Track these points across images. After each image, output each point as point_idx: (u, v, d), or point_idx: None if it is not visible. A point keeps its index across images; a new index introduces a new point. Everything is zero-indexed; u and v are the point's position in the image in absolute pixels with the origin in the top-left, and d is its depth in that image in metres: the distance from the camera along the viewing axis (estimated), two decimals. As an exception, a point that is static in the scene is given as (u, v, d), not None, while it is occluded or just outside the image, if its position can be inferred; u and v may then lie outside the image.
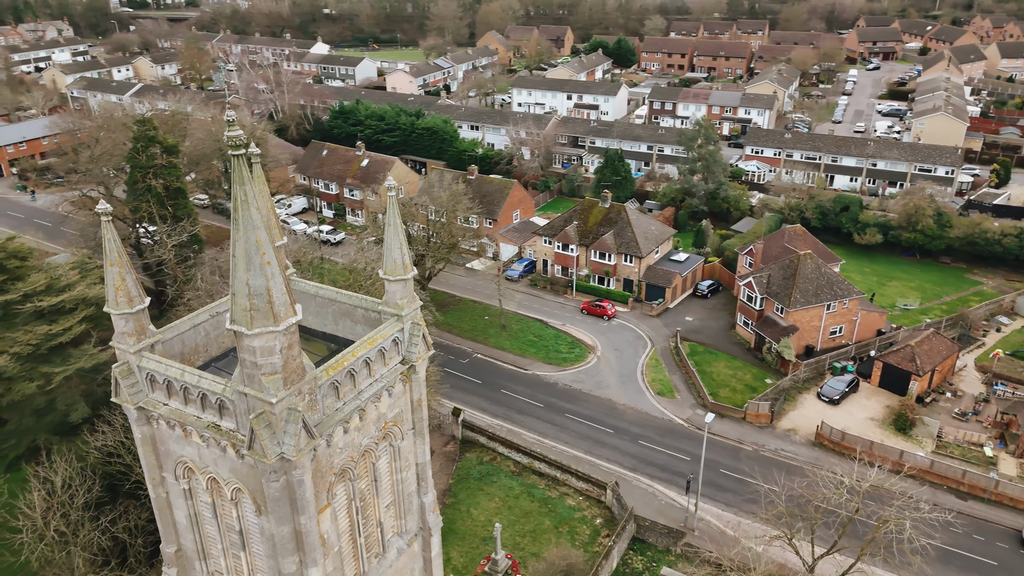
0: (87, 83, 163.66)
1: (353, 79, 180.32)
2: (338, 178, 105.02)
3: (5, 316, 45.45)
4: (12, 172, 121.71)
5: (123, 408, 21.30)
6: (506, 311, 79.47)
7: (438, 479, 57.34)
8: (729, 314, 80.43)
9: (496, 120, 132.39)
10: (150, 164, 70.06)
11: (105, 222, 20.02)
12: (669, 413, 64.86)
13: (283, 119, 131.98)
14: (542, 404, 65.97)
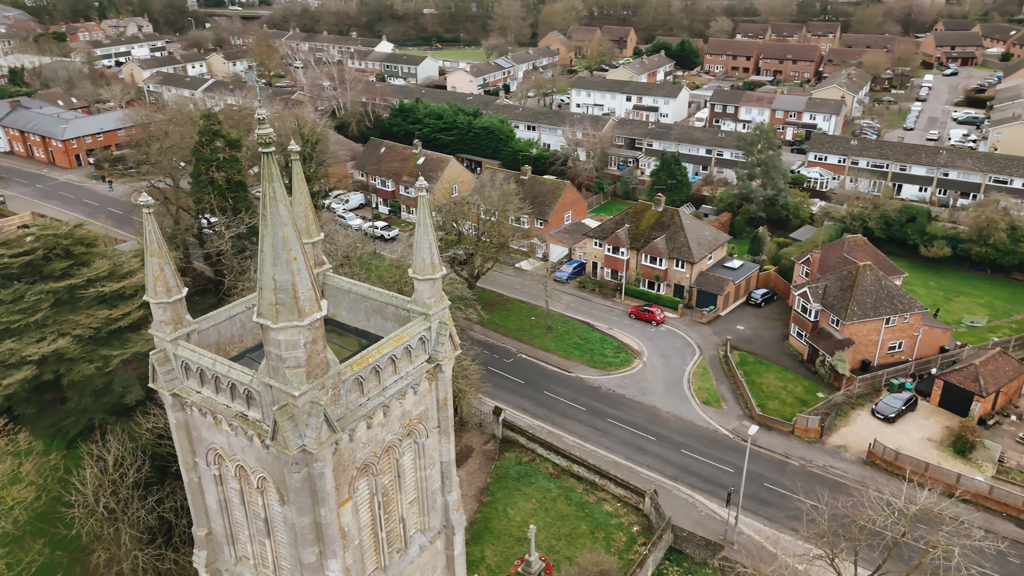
0: (163, 78, 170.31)
1: (415, 78, 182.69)
2: (394, 175, 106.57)
3: (70, 300, 47.72)
4: (89, 162, 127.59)
5: (160, 394, 22.11)
6: (553, 312, 79.30)
7: (476, 477, 57.71)
8: (782, 324, 78.41)
9: (553, 121, 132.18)
10: (213, 157, 72.48)
11: (146, 214, 20.82)
12: (714, 423, 63.61)
13: (345, 116, 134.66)
14: (584, 408, 65.58)
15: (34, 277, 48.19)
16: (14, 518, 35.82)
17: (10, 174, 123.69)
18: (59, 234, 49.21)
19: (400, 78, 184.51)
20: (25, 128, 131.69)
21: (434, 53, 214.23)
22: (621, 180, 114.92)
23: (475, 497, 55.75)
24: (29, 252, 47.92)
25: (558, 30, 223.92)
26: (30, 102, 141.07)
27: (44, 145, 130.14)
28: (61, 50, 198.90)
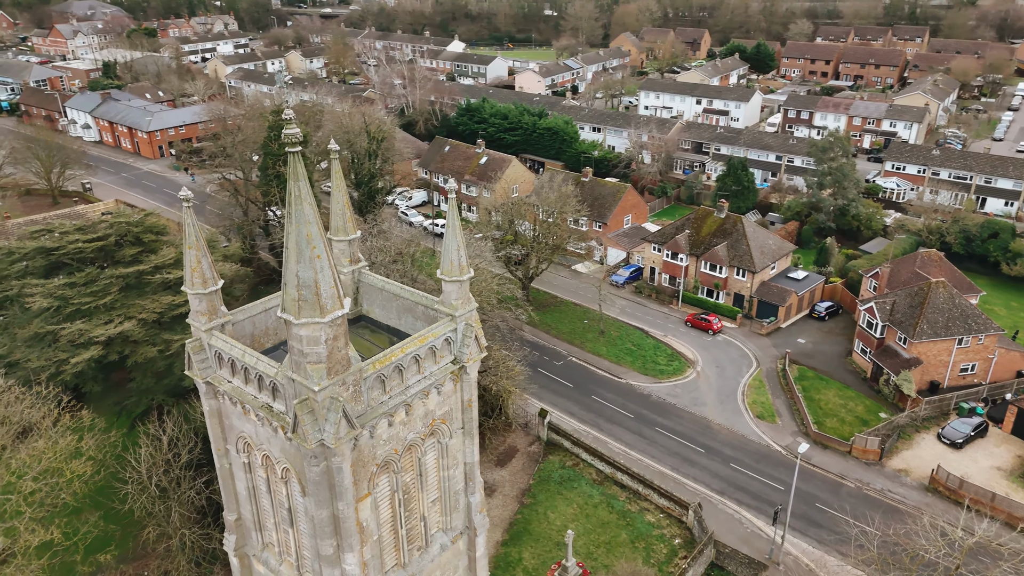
0: (243, 74, 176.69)
1: (484, 77, 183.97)
2: (457, 174, 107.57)
3: (137, 285, 50.06)
4: (171, 153, 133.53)
5: (195, 381, 22.94)
6: (606, 316, 78.56)
7: (519, 478, 57.69)
8: (846, 340, 75.50)
9: (619, 122, 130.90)
10: (280, 152, 74.70)
11: (186, 208, 21.63)
12: (767, 438, 61.78)
13: (413, 114, 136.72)
14: (632, 415, 64.70)
15: (106, 262, 50.76)
16: (73, 491, 37.81)
17: (98, 163, 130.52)
18: (131, 222, 51.69)
19: (469, 77, 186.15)
20: (114, 119, 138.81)
21: (504, 53, 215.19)
22: (685, 184, 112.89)
23: (516, 498, 55.74)
24: (103, 238, 50.52)
25: (630, 31, 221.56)
26: (120, 95, 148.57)
27: (130, 136, 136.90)
28: (151, 45, 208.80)
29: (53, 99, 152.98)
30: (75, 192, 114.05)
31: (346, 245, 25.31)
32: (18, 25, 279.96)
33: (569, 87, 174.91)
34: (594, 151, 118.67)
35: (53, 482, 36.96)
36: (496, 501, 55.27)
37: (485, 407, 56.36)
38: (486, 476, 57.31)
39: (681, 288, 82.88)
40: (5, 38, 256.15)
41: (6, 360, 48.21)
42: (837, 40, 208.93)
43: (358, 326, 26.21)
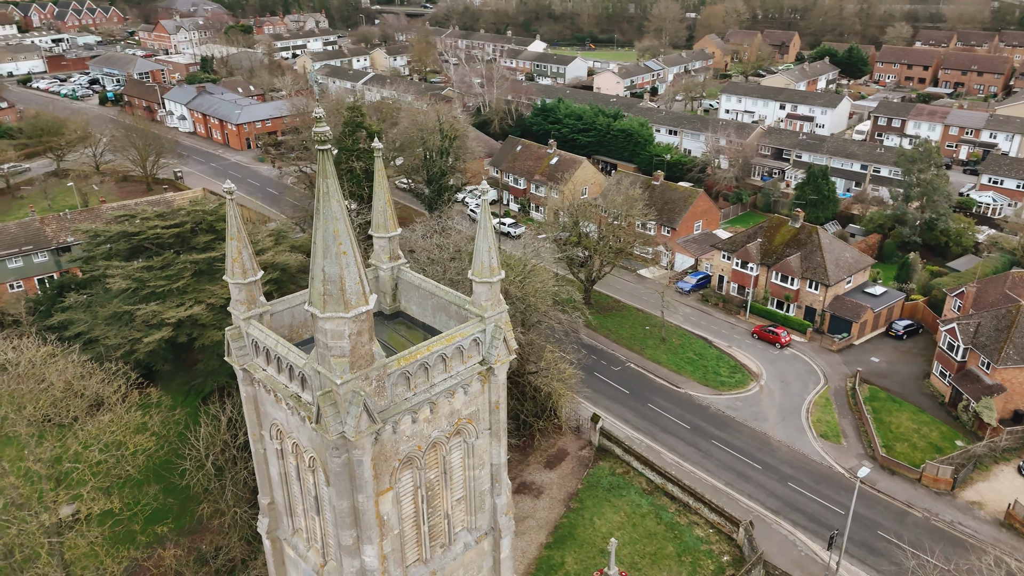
0: (329, 70, 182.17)
1: (563, 77, 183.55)
2: (527, 174, 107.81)
3: (208, 271, 52.39)
4: (257, 145, 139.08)
5: (234, 368, 23.81)
6: (669, 324, 77.12)
7: (567, 481, 57.36)
8: (925, 361, 71.64)
9: (696, 126, 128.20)
10: (354, 147, 76.78)
11: (229, 201, 22.46)
12: (830, 459, 59.32)
13: (489, 113, 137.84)
14: (689, 426, 63.31)
15: (182, 248, 53.35)
16: (136, 464, 39.91)
17: (190, 152, 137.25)
18: (206, 210, 54.15)
19: (548, 78, 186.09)
20: (207, 112, 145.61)
21: (584, 53, 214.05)
22: (762, 191, 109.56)
23: (563, 501, 55.45)
24: (180, 225, 53.12)
25: (716, 33, 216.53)
26: (214, 88, 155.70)
27: (221, 128, 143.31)
28: (246, 42, 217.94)
29: (153, 91, 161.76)
30: (167, 180, 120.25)
31: (386, 242, 25.75)
32: (127, 20, 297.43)
33: (648, 89, 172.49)
34: (667, 154, 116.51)
35: (118, 454, 39.10)
36: (542, 503, 55.17)
37: (536, 408, 56.29)
38: (534, 477, 57.29)
39: (750, 298, 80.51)
40: (115, 32, 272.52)
41: (87, 336, 51.33)
42: (938, 45, 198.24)
43: (396, 322, 26.63)
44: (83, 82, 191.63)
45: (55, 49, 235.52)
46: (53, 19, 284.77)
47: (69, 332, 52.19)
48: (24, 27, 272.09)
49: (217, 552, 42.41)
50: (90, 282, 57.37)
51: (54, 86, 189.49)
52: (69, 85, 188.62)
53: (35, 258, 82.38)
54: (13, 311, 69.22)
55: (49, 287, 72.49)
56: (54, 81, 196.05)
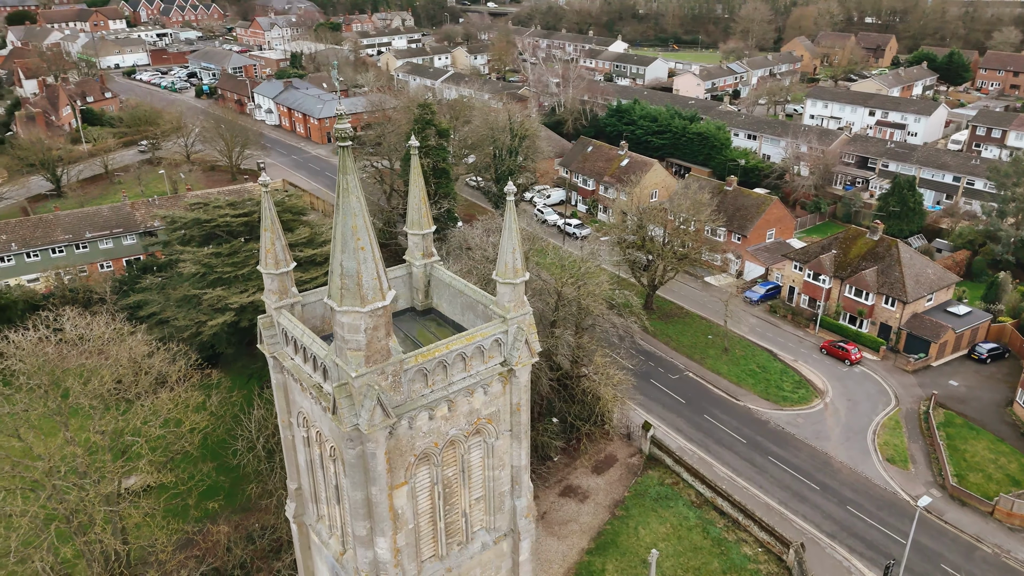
0: (411, 68, 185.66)
1: (642, 79, 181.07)
2: (597, 175, 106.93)
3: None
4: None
5: (265, 354, 24.56)
6: (733, 334, 74.99)
7: (614, 488, 56.60)
8: (1009, 388, 67.15)
9: (777, 131, 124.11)
10: (423, 144, 77.91)
11: (264, 194, 23.15)
12: (895, 484, 56.37)
13: (563, 113, 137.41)
14: (745, 440, 61.38)
15: (249, 236, 55.45)
16: (193, 441, 41.78)
17: (275, 145, 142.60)
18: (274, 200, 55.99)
19: (627, 78, 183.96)
20: (292, 106, 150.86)
21: (665, 54, 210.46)
22: (843, 201, 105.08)
23: (608, 508, 54.74)
24: (248, 214, 55.22)
25: (806, 35, 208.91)
26: (300, 83, 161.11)
27: (304, 122, 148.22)
28: (334, 39, 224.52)
29: (244, 85, 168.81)
30: (251, 170, 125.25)
31: (420, 239, 26.01)
32: (227, 17, 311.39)
33: (730, 92, 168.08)
34: (741, 160, 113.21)
35: (176, 431, 41.02)
36: (587, 508, 54.64)
37: (584, 412, 55.78)
38: (581, 481, 56.79)
39: (820, 312, 77.39)
40: (215, 28, 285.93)
41: (158, 317, 54.07)
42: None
43: (427, 318, 26.89)
44: (182, 75, 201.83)
45: (159, 43, 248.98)
46: (159, 15, 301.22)
47: (143, 312, 55.06)
48: (132, 22, 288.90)
49: (264, 531, 43.91)
50: (167, 265, 60.36)
51: (155, 78, 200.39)
52: (169, 78, 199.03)
53: (124, 240, 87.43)
54: (100, 290, 73.65)
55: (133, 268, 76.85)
56: (156, 73, 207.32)
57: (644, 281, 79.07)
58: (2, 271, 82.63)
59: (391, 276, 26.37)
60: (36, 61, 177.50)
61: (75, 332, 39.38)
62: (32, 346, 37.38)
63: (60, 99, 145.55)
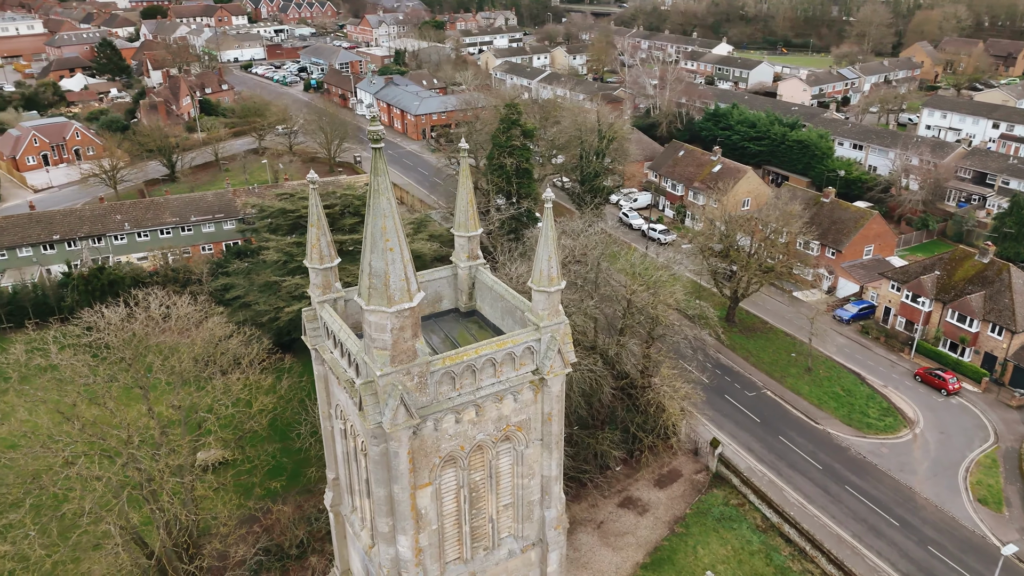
0: (509, 67, 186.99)
1: (745, 82, 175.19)
2: (686, 180, 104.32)
3: (350, 252, 55.84)
4: (432, 136, 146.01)
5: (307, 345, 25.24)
6: (818, 353, 71.44)
7: (676, 503, 55.07)
8: None
9: (886, 141, 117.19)
10: (507, 144, 78.29)
11: (312, 190, 23.74)
12: (985, 527, 52.21)
13: (658, 116, 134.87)
14: (821, 466, 58.34)
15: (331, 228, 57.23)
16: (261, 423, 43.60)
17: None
18: (355, 195, 57.74)
19: (730, 82, 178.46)
20: (391, 102, 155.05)
21: (771, 57, 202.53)
22: (954, 219, 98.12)
23: (668, 524, 53.34)
24: (330, 207, 57.09)
25: (928, 40, 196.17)
26: (400, 80, 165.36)
27: (401, 118, 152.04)
28: (437, 37, 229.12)
29: (348, 80, 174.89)
30: (347, 163, 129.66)
31: (466, 241, 26.05)
32: (340, 14, 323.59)
33: (839, 98, 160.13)
34: (843, 170, 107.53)
35: (246, 411, 42.94)
36: (646, 521, 53.43)
37: (648, 423, 54.50)
38: (642, 494, 55.59)
39: (918, 336, 72.57)
40: (327, 25, 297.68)
41: (242, 300, 56.76)
42: None
43: (470, 320, 26.92)
44: (293, 70, 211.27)
45: (275, 39, 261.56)
46: (278, 11, 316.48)
47: (229, 295, 57.95)
48: (253, 18, 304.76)
49: (321, 514, 45.30)
50: (255, 251, 63.27)
51: (269, 72, 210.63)
52: (281, 72, 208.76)
53: (224, 225, 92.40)
54: (197, 271, 78.17)
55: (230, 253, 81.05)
56: (270, 68, 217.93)
57: (727, 292, 76.52)
58: (116, 248, 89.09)
59: (436, 276, 26.59)
60: (162, 53, 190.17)
61: (160, 311, 41.87)
62: (120, 322, 40.01)
63: (181, 90, 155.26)
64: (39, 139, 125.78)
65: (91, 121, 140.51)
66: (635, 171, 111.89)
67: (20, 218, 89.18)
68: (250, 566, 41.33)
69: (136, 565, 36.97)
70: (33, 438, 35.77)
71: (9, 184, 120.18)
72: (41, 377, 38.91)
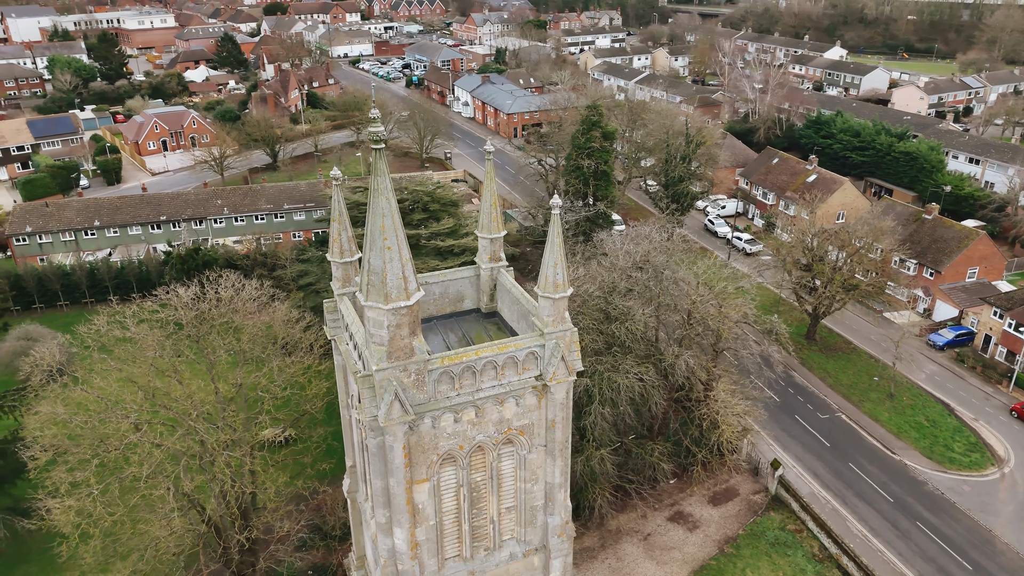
0: (607, 67, 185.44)
1: (856, 89, 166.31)
2: (778, 189, 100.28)
3: (416, 247, 57.14)
4: (523, 134, 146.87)
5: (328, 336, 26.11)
6: (904, 379, 67.18)
7: (728, 523, 53.24)
8: None
9: (1006, 156, 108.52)
10: (586, 146, 77.85)
11: (334, 187, 24.49)
12: (1073, 583, 47.66)
13: (756, 121, 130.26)
14: (892, 499, 54.87)
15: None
16: (315, 406, 45.39)
17: (464, 136, 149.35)
18: (425, 191, 59.00)
19: (840, 88, 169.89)
20: (486, 100, 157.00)
21: (887, 63, 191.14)
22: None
23: (718, 543, 51.64)
24: (400, 201, 58.54)
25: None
26: (496, 78, 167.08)
27: (495, 116, 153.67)
28: (539, 36, 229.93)
29: (447, 78, 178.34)
30: (437, 159, 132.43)
31: (488, 243, 26.18)
32: (448, 12, 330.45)
33: (959, 109, 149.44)
34: (950, 185, 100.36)
35: (302, 394, 44.81)
36: (695, 538, 51.95)
37: (701, 438, 52.90)
38: (693, 509, 54.06)
39: (1019, 368, 67.00)
40: (434, 23, 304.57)
41: (314, 287, 59.16)
42: None
43: (490, 321, 27.06)
44: (397, 66, 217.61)
45: (384, 36, 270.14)
46: (390, 9, 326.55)
47: (303, 281, 60.55)
48: (367, 15, 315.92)
49: (367, 499, 46.66)
50: (330, 241, 65.71)
51: (374, 68, 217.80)
52: (386, 68, 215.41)
53: (314, 214, 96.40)
54: (284, 257, 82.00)
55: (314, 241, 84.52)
56: (376, 63, 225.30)
57: (808, 308, 73.12)
58: (215, 231, 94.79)
59: (458, 276, 26.89)
60: (277, 48, 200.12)
61: (227, 293, 44.29)
62: (191, 300, 42.64)
63: (290, 83, 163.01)
64: (160, 126, 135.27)
65: (208, 111, 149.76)
66: (725, 177, 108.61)
67: (133, 199, 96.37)
68: (294, 542, 43.11)
69: (188, 530, 39.31)
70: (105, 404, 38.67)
71: (131, 167, 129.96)
72: (119, 348, 42.02)
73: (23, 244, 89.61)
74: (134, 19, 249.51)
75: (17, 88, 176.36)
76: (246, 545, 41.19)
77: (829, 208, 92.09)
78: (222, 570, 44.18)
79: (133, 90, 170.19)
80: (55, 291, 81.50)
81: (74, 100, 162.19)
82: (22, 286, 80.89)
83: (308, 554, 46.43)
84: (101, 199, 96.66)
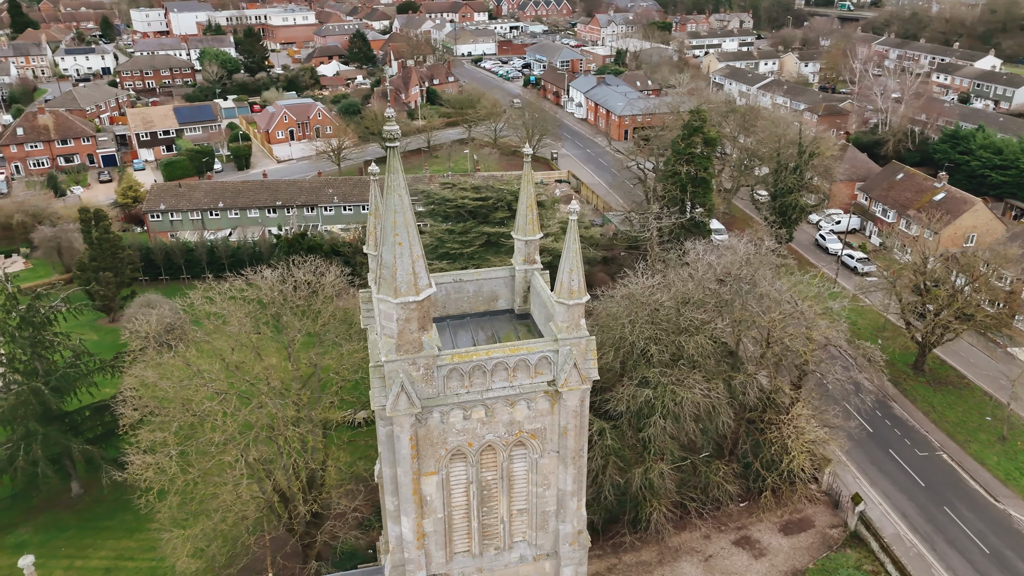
0: (729, 71, 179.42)
1: (1009, 102, 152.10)
2: (901, 206, 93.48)
3: (496, 244, 57.83)
4: (634, 136, 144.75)
5: (363, 325, 26.96)
6: (1018, 420, 61.11)
7: (798, 554, 50.41)
8: None
9: None
10: (686, 151, 75.80)
11: (372, 182, 25.20)
12: None
13: (885, 133, 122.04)
14: (989, 549, 50.10)
15: (480, 220, 59.67)
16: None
17: (575, 137, 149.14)
18: (508, 189, 59.49)
19: (989, 100, 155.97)
20: (599, 101, 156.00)
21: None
22: None
23: (784, 574, 49.03)
24: (485, 199, 59.40)
25: None
26: (612, 80, 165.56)
27: (607, 117, 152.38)
28: (662, 38, 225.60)
29: (563, 78, 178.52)
30: (543, 159, 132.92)
31: (524, 244, 26.13)
32: (574, 12, 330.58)
33: None
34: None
35: (358, 377, 46.48)
36: (759, 567, 49.58)
37: (773, 462, 50.25)
38: (762, 536, 51.59)
39: None
40: (559, 23, 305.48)
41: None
42: None
43: (522, 322, 27.01)
44: (517, 65, 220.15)
45: (508, 35, 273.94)
46: (517, 9, 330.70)
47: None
48: (494, 14, 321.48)
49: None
50: (421, 234, 67.58)
51: (495, 67, 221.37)
52: (506, 67, 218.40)
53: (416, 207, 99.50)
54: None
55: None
56: (497, 62, 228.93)
57: (918, 337, 67.80)
58: (324, 218, 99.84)
59: (493, 276, 27.03)
60: (403, 45, 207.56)
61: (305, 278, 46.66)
62: (272, 282, 45.25)
63: (412, 79, 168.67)
64: (288, 116, 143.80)
65: (333, 104, 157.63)
66: (843, 191, 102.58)
67: (254, 184, 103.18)
68: (350, 521, 44.78)
69: (255, 497, 41.75)
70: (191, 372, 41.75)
71: (260, 154, 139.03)
72: (208, 321, 45.26)
73: (157, 220, 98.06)
74: (279, 16, 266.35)
75: (172, 77, 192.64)
76: (307, 517, 43.25)
77: (957, 230, 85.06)
78: (287, 537, 46.59)
79: (271, 82, 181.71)
80: (179, 265, 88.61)
81: (216, 90, 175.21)
82: (151, 258, 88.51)
83: (365, 534, 48.13)
84: (227, 183, 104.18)
